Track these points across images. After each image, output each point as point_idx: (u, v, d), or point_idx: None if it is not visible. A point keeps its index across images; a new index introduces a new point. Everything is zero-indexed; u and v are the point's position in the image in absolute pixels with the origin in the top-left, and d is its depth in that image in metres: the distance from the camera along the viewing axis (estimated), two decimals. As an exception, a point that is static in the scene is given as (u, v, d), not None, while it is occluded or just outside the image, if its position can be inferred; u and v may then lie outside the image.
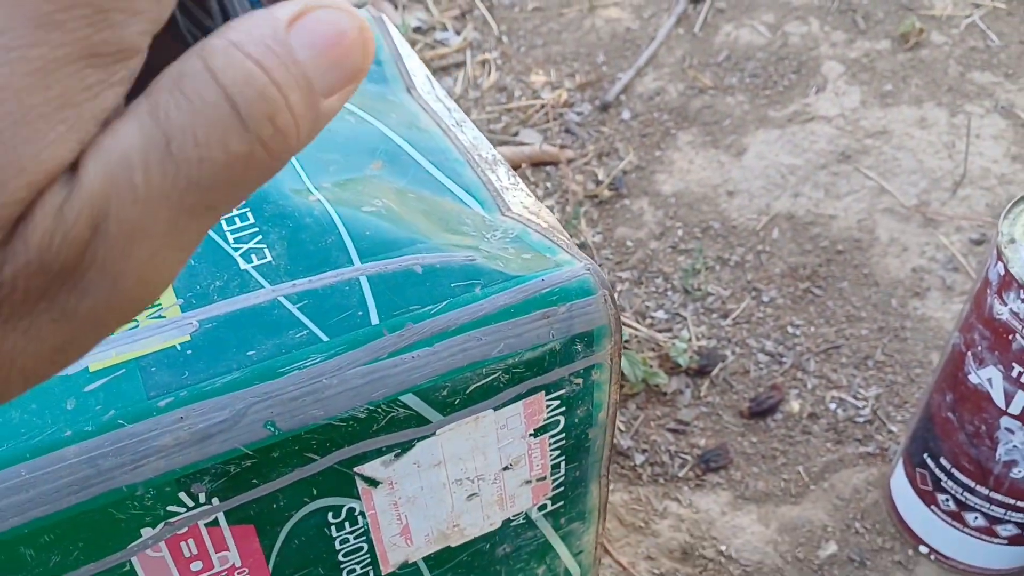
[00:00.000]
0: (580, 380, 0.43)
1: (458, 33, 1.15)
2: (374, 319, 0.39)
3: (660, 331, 0.84)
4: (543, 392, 0.43)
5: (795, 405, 0.79)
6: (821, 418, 0.79)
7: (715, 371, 0.81)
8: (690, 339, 0.83)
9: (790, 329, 0.84)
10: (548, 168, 0.99)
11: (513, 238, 0.45)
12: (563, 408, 0.44)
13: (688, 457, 0.76)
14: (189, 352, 0.38)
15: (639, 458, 0.76)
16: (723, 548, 0.71)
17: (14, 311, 0.14)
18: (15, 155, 0.14)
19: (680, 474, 0.75)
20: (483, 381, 0.40)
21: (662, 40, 1.11)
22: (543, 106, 1.04)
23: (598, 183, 0.97)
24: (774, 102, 1.04)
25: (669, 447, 0.77)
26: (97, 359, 0.37)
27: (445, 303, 0.40)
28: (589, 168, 0.98)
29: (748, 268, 0.89)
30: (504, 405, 0.42)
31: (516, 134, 1.02)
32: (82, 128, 0.14)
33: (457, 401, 0.40)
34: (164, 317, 0.39)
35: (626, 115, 1.03)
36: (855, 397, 0.80)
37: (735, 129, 1.01)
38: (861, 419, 0.78)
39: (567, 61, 1.10)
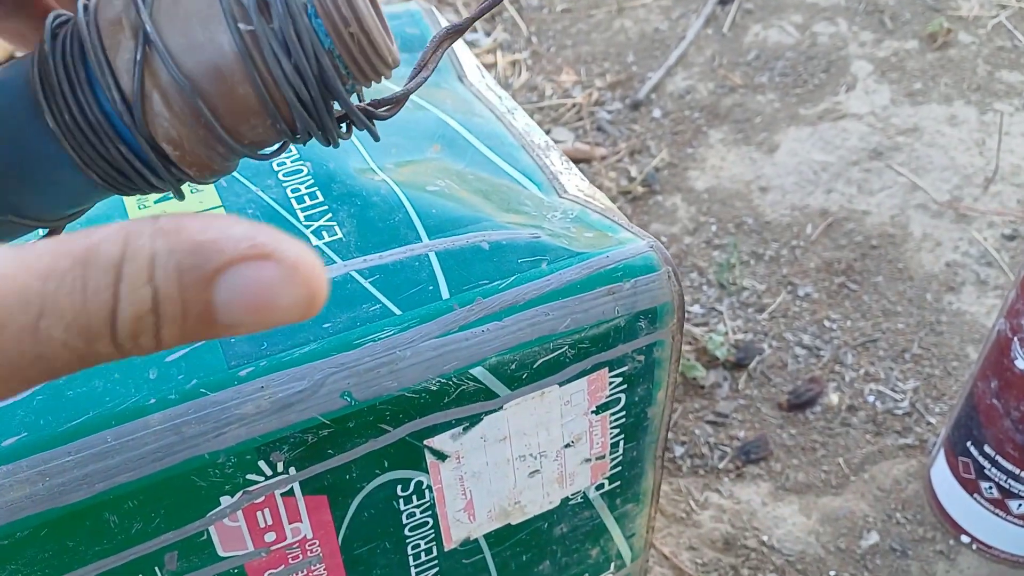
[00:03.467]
0: (642, 357, 0.44)
1: (488, 34, 1.16)
2: (444, 293, 0.40)
3: (696, 325, 0.85)
4: (606, 368, 0.43)
5: (834, 398, 0.79)
6: (860, 410, 0.79)
7: (753, 364, 0.81)
8: (726, 333, 0.84)
9: (827, 323, 0.85)
10: (581, 165, 1.00)
11: (573, 218, 0.45)
12: (625, 385, 0.44)
13: (728, 449, 0.77)
14: (265, 324, 0.38)
15: (679, 450, 0.77)
16: (765, 538, 0.71)
17: None
18: None
19: (720, 465, 0.76)
20: (550, 356, 0.41)
21: (691, 40, 1.12)
22: (574, 105, 1.05)
23: (631, 180, 0.97)
24: (805, 100, 1.05)
25: (708, 439, 0.77)
26: (176, 331, 0.38)
27: (513, 278, 0.41)
28: (622, 165, 0.99)
29: (783, 263, 0.89)
30: (569, 381, 0.42)
31: (548, 132, 1.03)
32: None
33: (524, 375, 0.41)
34: (239, 291, 0.39)
35: (657, 113, 1.04)
36: (893, 390, 0.80)
37: (766, 127, 1.02)
38: (900, 411, 0.78)
39: (597, 61, 1.11)
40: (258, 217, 0.42)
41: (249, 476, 0.37)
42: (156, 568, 0.37)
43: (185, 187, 0.44)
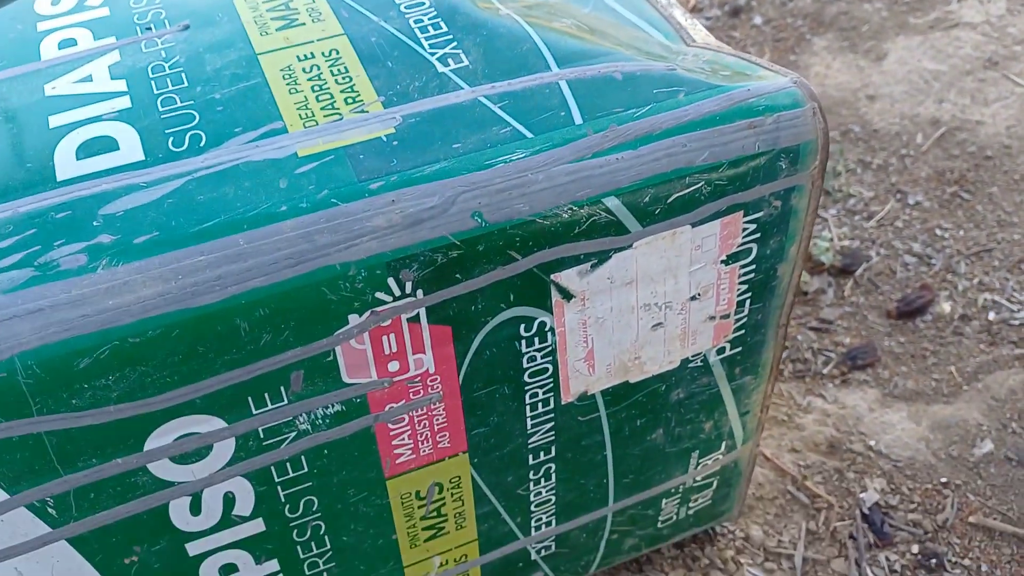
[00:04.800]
0: (779, 203, 0.41)
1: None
2: (577, 119, 0.38)
3: (799, 232, 0.82)
4: (742, 212, 0.41)
5: (946, 306, 0.76)
6: (974, 320, 0.75)
7: (859, 271, 0.78)
8: (832, 239, 0.80)
9: (938, 232, 0.81)
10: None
11: (707, 60, 0.43)
12: (758, 234, 0.42)
13: (832, 355, 0.74)
14: (395, 143, 0.37)
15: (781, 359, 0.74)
16: (872, 443, 0.68)
17: None
18: None
19: (824, 371, 0.73)
20: (684, 191, 0.39)
21: (794, -51, 1.07)
22: (671, 12, 1.01)
23: (730, 87, 0.94)
24: (914, 9, 1.00)
25: (812, 344, 0.74)
26: (304, 145, 0.36)
27: (649, 107, 0.39)
28: (721, 72, 0.95)
29: (892, 171, 0.85)
30: (702, 222, 0.40)
31: (642, 41, 1.00)
32: None
33: (657, 210, 0.39)
34: (367, 111, 0.38)
35: (758, 20, 1.00)
36: (1009, 300, 0.76)
37: (874, 35, 0.97)
38: (1016, 321, 0.75)
39: (694, -31, 1.07)
40: (383, 45, 0.41)
41: (378, 294, 0.35)
42: (282, 388, 0.36)
43: (306, 15, 0.43)
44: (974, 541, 0.63)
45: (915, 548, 0.62)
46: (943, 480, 0.66)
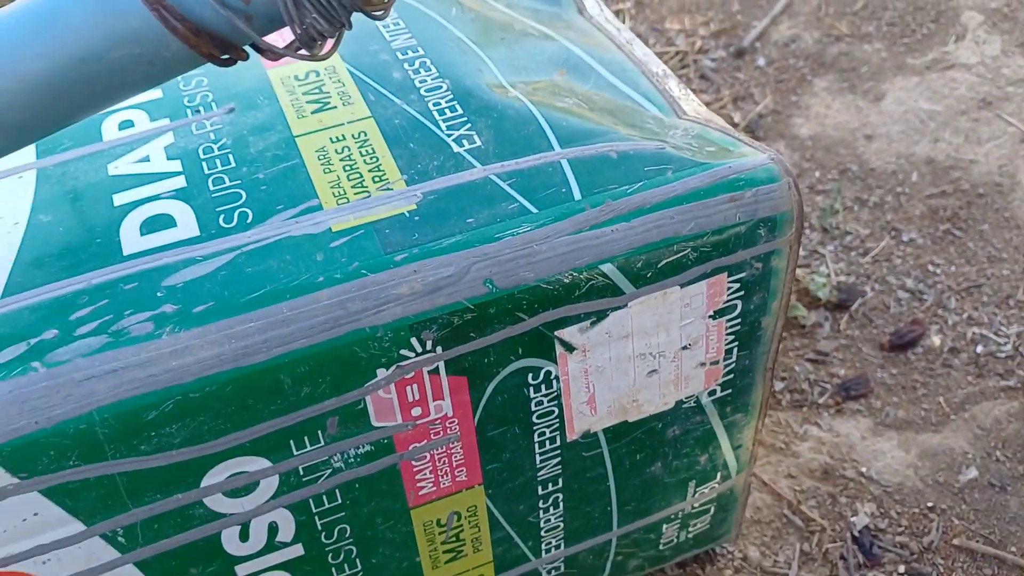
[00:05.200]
0: (760, 264, 0.46)
1: (592, -13, 1.18)
2: (576, 195, 0.43)
3: (799, 267, 0.86)
4: (726, 273, 0.46)
5: (936, 340, 0.80)
6: (962, 352, 0.79)
7: (855, 306, 0.83)
8: (829, 275, 0.85)
9: (930, 268, 0.85)
10: (684, 114, 1.01)
11: (695, 135, 0.48)
12: (742, 292, 0.47)
13: (828, 385, 0.78)
14: (416, 218, 0.42)
15: (779, 385, 0.79)
16: (864, 470, 0.73)
17: None
18: None
19: (820, 401, 0.77)
20: (673, 257, 0.44)
21: (797, -9, 1.12)
22: (677, 52, 1.06)
23: (735, 126, 0.99)
24: (913, 50, 1.04)
25: (808, 375, 0.79)
26: (337, 221, 0.42)
27: (640, 183, 0.44)
28: (725, 112, 1.00)
29: (887, 209, 0.90)
30: (690, 283, 0.45)
31: (651, 82, 1.05)
32: None
33: (649, 274, 0.44)
34: (392, 189, 0.43)
35: (761, 62, 1.05)
36: (996, 334, 0.80)
37: (873, 76, 1.02)
38: (1003, 354, 0.79)
39: (701, 10, 1.12)
40: (405, 127, 0.46)
41: (402, 351, 0.41)
42: (319, 431, 0.42)
43: (338, 98, 0.48)
44: (957, 562, 0.67)
45: (901, 568, 0.67)
46: (930, 504, 0.70)
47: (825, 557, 0.68)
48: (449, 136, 0.46)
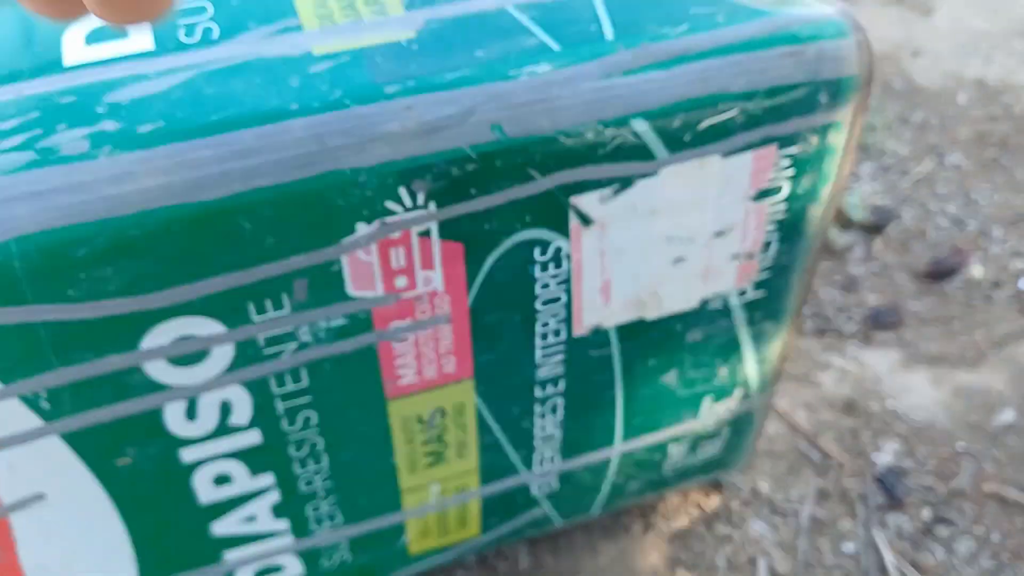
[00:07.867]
0: (816, 138, 0.39)
1: None
2: (608, 34, 0.36)
3: (830, 186, 0.79)
4: (776, 145, 0.39)
5: (977, 271, 0.74)
6: (1004, 286, 0.73)
7: (890, 228, 0.76)
8: (864, 195, 0.78)
9: (974, 195, 0.78)
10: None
11: (750, -16, 0.40)
12: (792, 170, 0.40)
13: (856, 313, 0.72)
14: (415, 48, 0.35)
15: (803, 310, 0.72)
16: (890, 405, 0.67)
17: None
18: None
19: (846, 329, 0.71)
20: (717, 118, 0.37)
21: None
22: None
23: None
24: (969, -35, 0.96)
25: (835, 302, 0.73)
26: (319, 44, 0.35)
27: (685, 26, 0.37)
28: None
29: (931, 130, 0.82)
30: (734, 153, 0.38)
31: None
32: None
33: (687, 137, 0.37)
34: (387, 14, 0.36)
35: (805, -33, 0.96)
36: (1043, 269, 0.74)
37: (924, -11, 0.93)
38: (1049, 292, 0.72)
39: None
40: (408, -53, 0.39)
41: (388, 204, 0.34)
42: (284, 295, 0.35)
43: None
44: (987, 509, 0.61)
45: (926, 512, 0.61)
46: (960, 447, 0.64)
47: (843, 495, 0.62)
48: (460, -40, 0.39)
